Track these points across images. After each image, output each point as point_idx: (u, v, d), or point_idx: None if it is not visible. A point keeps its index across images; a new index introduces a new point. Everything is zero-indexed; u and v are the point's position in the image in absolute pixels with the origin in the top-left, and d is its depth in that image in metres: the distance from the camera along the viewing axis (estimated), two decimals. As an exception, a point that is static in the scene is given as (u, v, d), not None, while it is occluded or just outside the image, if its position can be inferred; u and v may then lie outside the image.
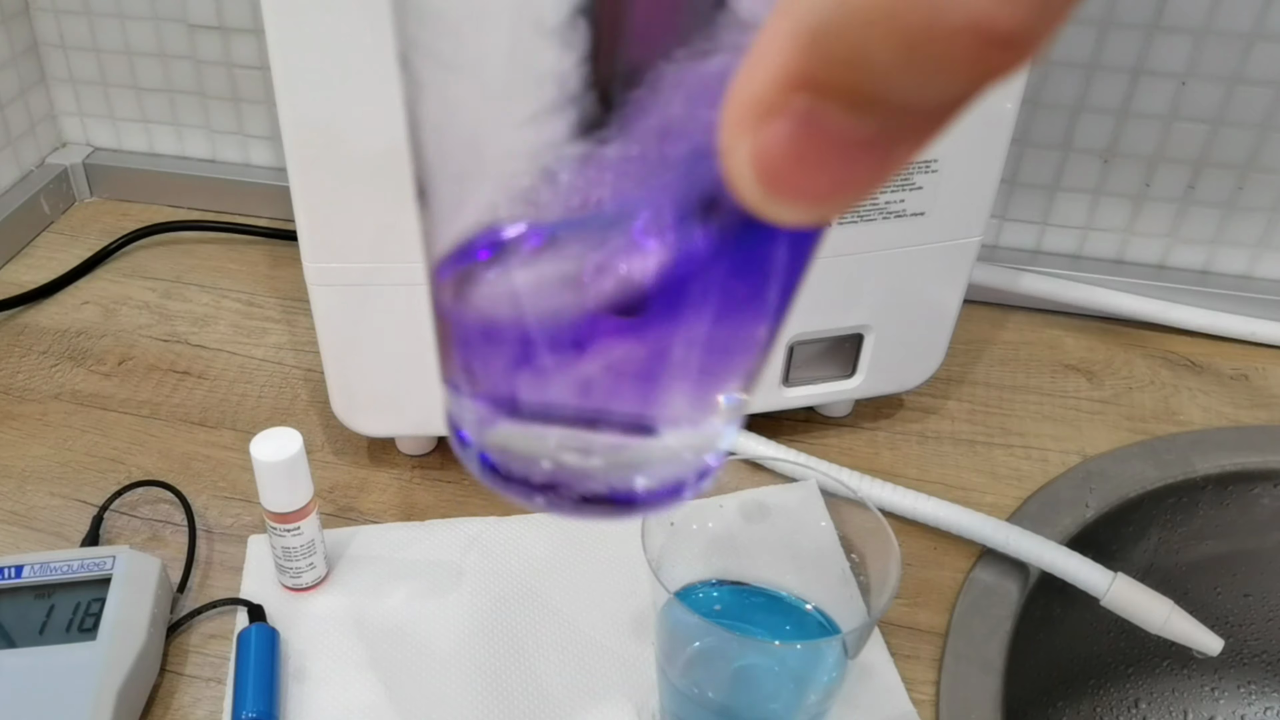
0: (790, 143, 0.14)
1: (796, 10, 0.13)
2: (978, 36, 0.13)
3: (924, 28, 0.12)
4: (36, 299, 0.86)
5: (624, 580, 0.62)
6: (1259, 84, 0.79)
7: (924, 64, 0.13)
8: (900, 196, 0.62)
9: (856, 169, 0.14)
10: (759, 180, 0.14)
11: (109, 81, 0.97)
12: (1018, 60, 0.13)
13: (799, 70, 0.13)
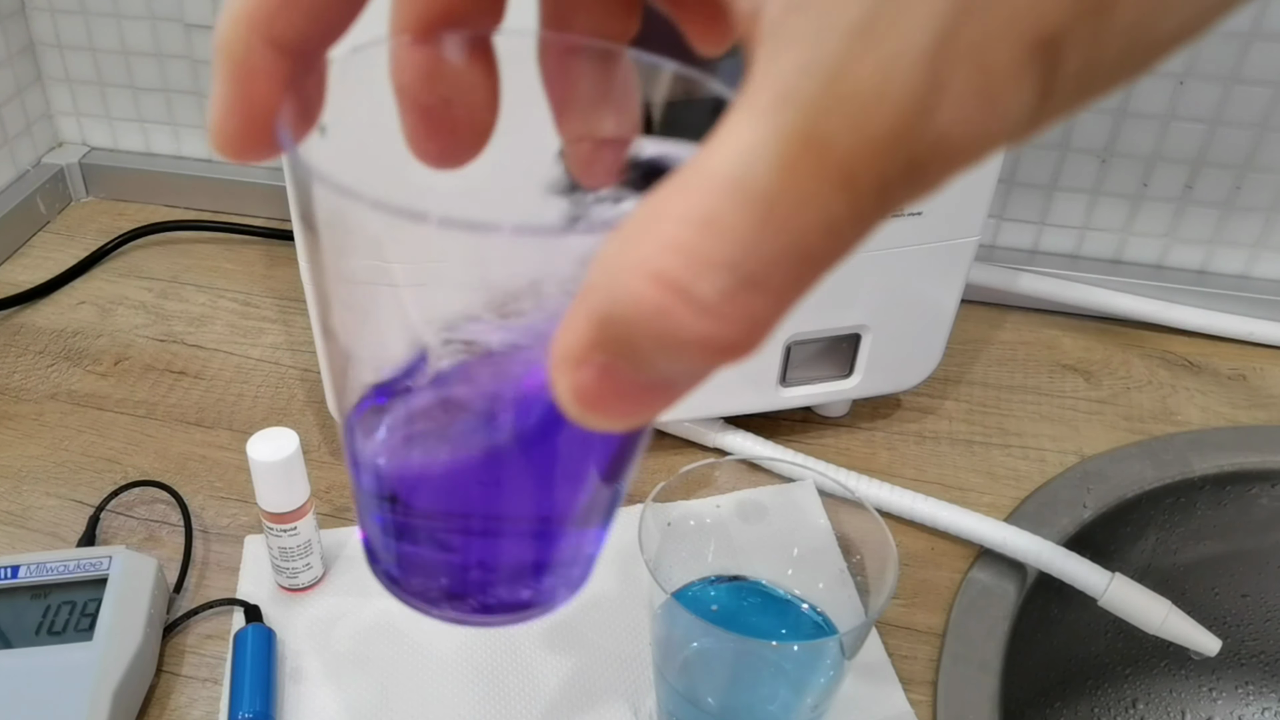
0: (594, 384, 0.18)
1: (591, 298, 0.17)
2: (704, 348, 0.17)
3: (667, 336, 0.17)
4: (32, 299, 0.85)
5: (621, 581, 0.62)
6: (1257, 84, 0.79)
7: (672, 356, 0.17)
8: (898, 196, 0.62)
9: (646, 401, 0.19)
10: (576, 405, 0.19)
11: (105, 81, 0.97)
12: (742, 356, 0.18)
13: (593, 340, 0.18)
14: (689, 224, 0.16)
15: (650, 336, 0.17)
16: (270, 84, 0.24)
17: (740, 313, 0.17)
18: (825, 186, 0.16)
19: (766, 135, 0.16)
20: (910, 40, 0.15)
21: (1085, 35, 0.15)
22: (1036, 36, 0.15)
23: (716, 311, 0.17)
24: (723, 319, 0.17)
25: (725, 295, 0.16)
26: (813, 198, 0.16)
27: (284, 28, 0.23)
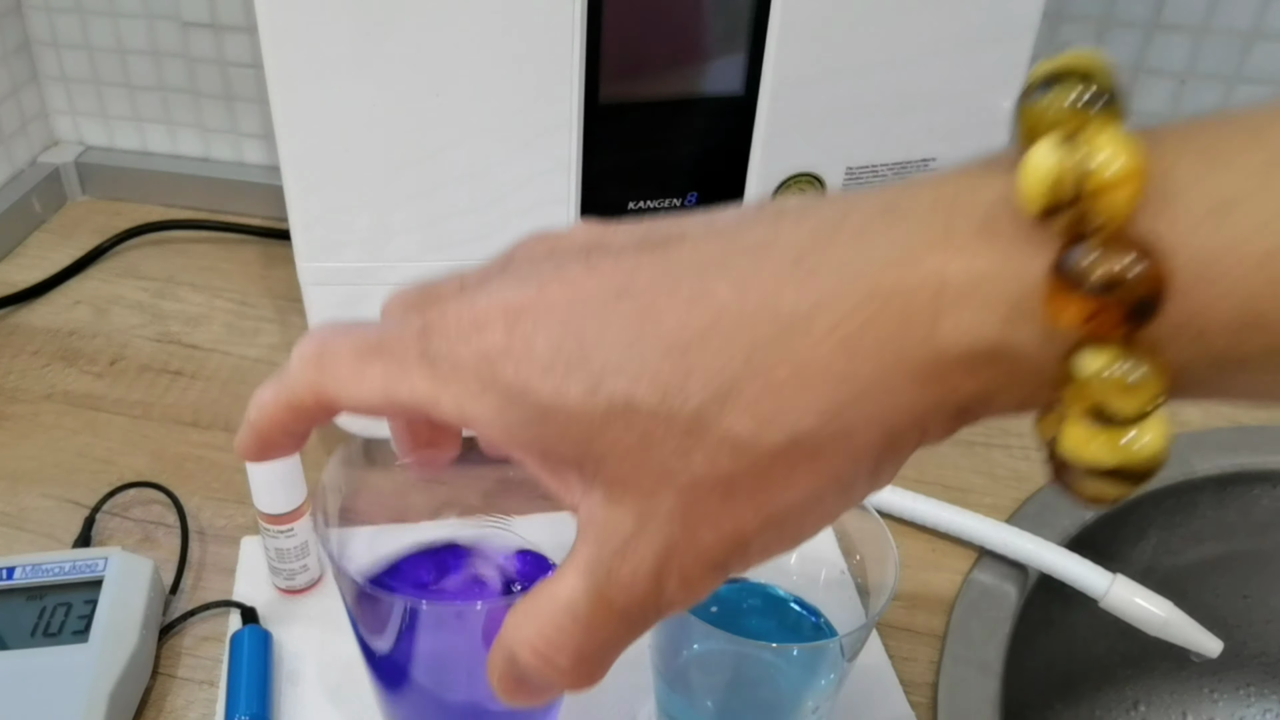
0: (506, 683, 0.30)
1: (502, 647, 0.30)
2: (562, 687, 0.30)
3: (542, 679, 0.29)
4: (28, 299, 0.85)
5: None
6: (1258, 83, 0.79)
7: (546, 686, 0.30)
8: (898, 195, 0.62)
9: (536, 695, 0.31)
10: (500, 690, 0.30)
11: (101, 80, 0.96)
12: (586, 689, 0.30)
13: (504, 666, 0.30)
14: (549, 626, 0.28)
15: (533, 675, 0.29)
16: (284, 448, 0.33)
17: (580, 672, 0.29)
18: (613, 619, 0.28)
19: (582, 587, 0.27)
20: (645, 560, 0.27)
21: (755, 553, 0.27)
22: (712, 562, 0.27)
23: (567, 672, 0.29)
24: (570, 675, 0.29)
25: (570, 665, 0.28)
26: (607, 624, 0.28)
27: (300, 429, 0.32)
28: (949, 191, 0.24)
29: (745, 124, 0.58)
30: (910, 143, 0.60)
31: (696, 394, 0.25)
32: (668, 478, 0.26)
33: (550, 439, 0.27)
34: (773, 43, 0.55)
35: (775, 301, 0.24)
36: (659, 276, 0.26)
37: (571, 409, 0.26)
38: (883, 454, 0.25)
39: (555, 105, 0.55)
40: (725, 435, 0.25)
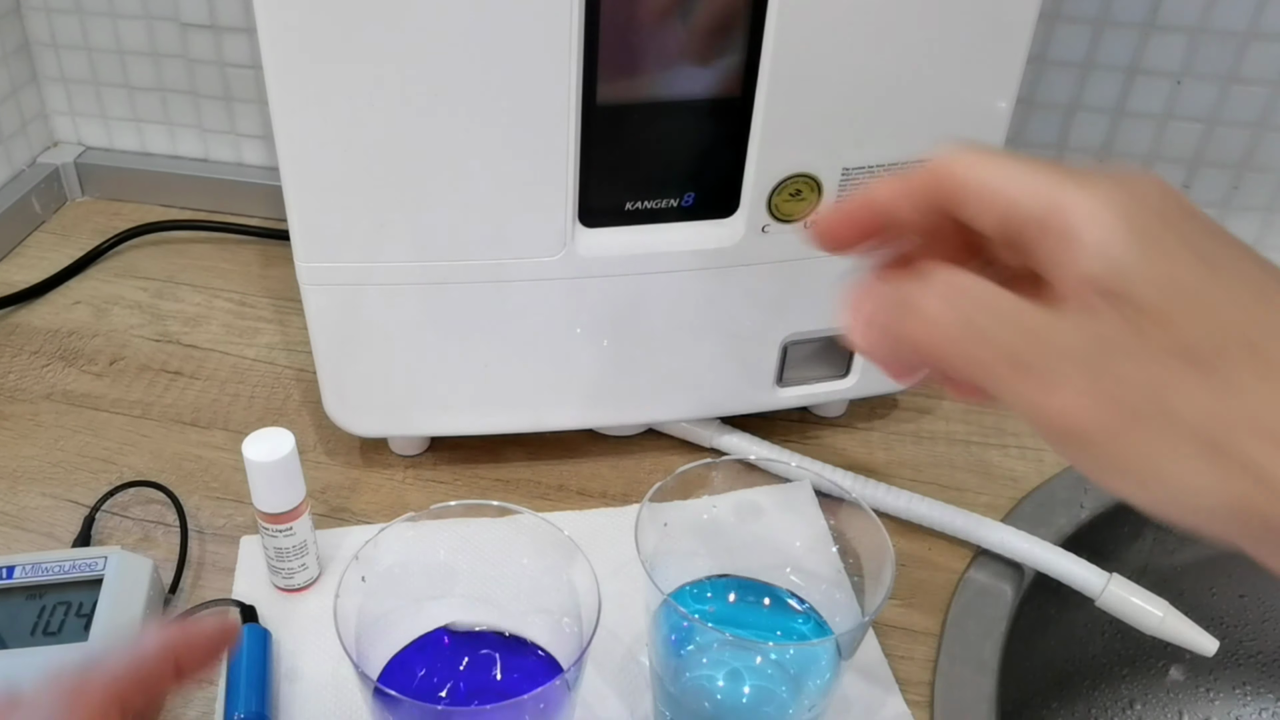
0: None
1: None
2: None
3: None
4: (28, 299, 0.85)
5: (617, 582, 0.61)
6: (1254, 83, 0.79)
7: None
8: (895, 196, 0.62)
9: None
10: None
11: (101, 80, 0.96)
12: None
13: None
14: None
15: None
16: (857, 240, 0.38)
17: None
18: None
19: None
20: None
21: None
22: None
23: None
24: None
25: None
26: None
27: (908, 211, 0.37)
28: None
29: (742, 125, 0.58)
30: (906, 144, 0.60)
31: None
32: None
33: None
34: (769, 44, 0.55)
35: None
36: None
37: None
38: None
39: (553, 106, 0.55)
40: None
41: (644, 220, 0.61)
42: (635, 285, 0.62)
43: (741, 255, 0.62)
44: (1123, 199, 0.30)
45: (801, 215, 0.61)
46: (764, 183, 0.60)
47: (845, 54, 0.56)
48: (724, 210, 0.61)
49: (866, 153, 0.60)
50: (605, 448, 0.71)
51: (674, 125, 0.58)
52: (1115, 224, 0.29)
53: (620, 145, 0.58)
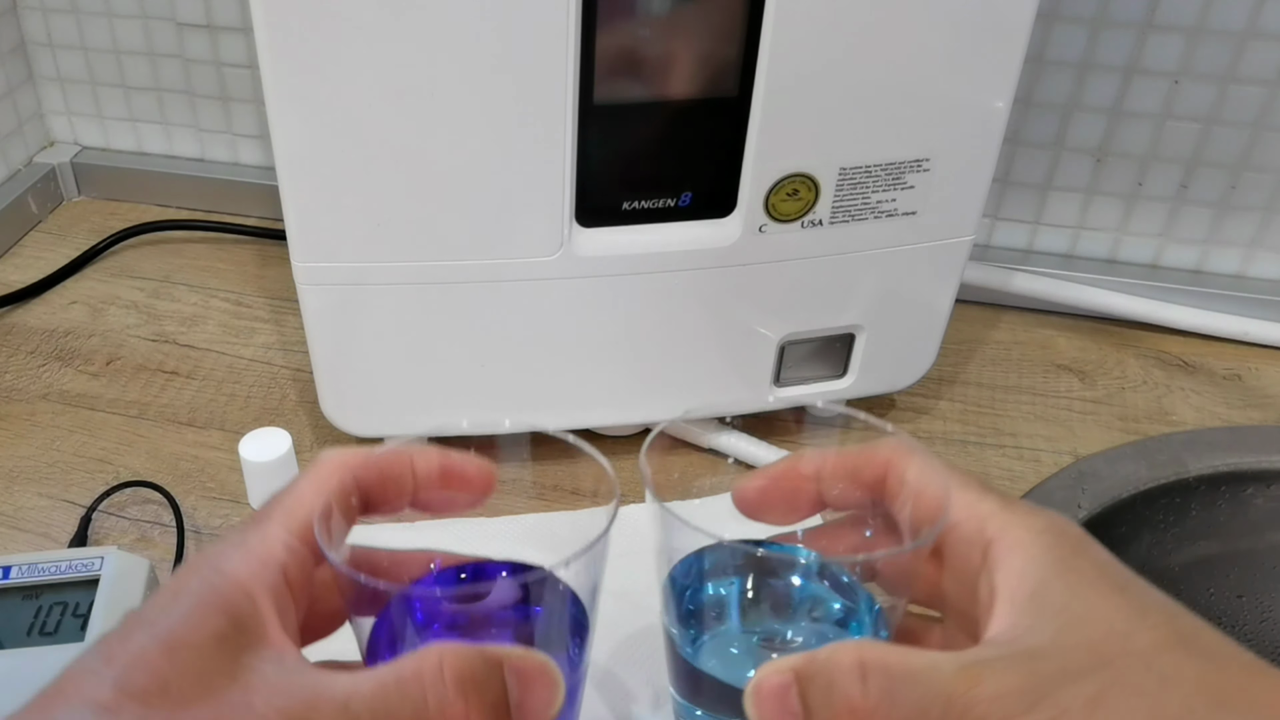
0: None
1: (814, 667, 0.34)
2: None
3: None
4: (24, 299, 0.85)
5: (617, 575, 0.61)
6: (1252, 83, 0.79)
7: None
8: (892, 196, 0.62)
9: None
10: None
11: (97, 80, 0.96)
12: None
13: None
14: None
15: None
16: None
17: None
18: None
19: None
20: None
21: None
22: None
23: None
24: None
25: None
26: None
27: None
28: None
29: (739, 125, 0.58)
30: (904, 143, 0.60)
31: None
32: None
33: None
34: (766, 43, 0.55)
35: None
36: None
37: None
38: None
39: (549, 106, 0.55)
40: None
41: (641, 220, 0.61)
42: (632, 285, 0.62)
43: (739, 255, 0.62)
44: (1044, 527, 0.36)
45: (799, 215, 0.61)
46: (761, 182, 0.59)
47: (843, 53, 0.56)
48: (721, 210, 0.61)
49: (863, 152, 0.60)
50: (602, 448, 0.70)
51: (671, 125, 0.58)
52: (1040, 554, 0.35)
53: (617, 145, 0.58)
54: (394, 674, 0.32)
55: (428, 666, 0.32)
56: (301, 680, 0.32)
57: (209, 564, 0.35)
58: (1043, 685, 0.31)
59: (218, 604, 0.33)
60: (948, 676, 0.31)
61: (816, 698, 0.33)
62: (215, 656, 0.32)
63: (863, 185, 0.61)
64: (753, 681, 0.34)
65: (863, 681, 0.32)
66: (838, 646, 0.33)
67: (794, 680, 0.33)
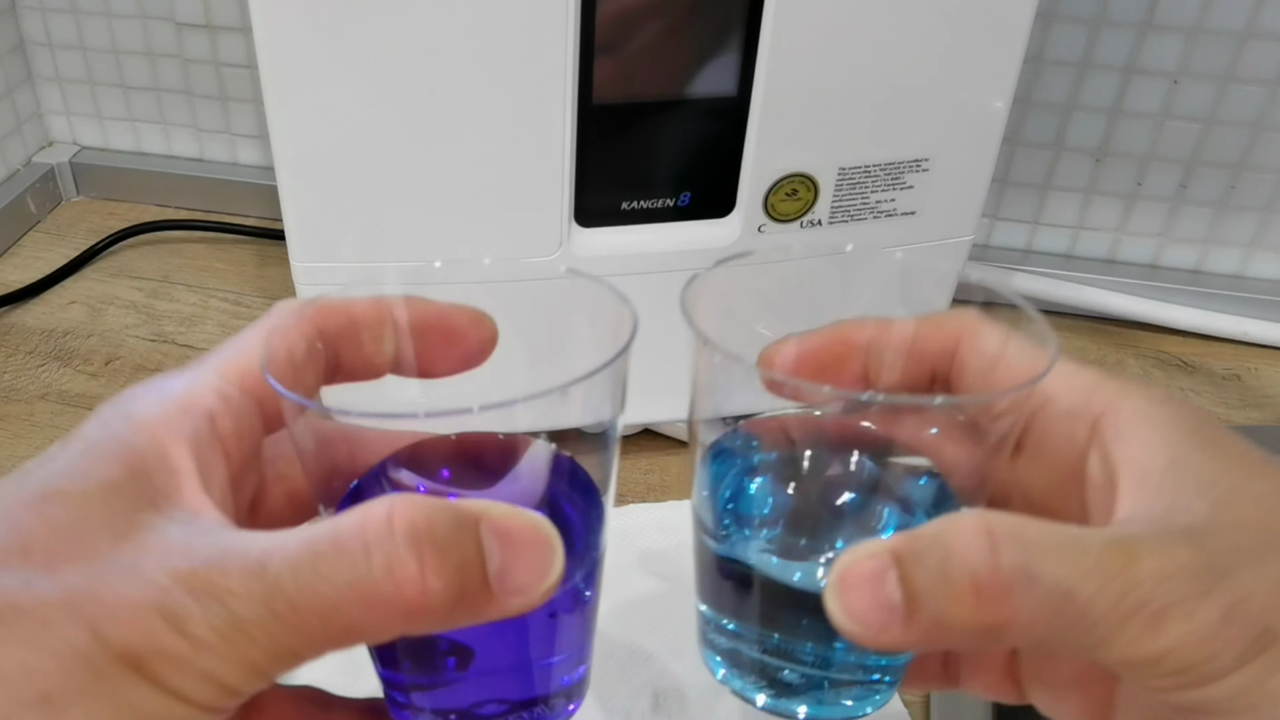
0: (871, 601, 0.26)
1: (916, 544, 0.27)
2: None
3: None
4: (23, 299, 0.85)
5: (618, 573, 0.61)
6: (1251, 83, 0.79)
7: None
8: (891, 196, 0.62)
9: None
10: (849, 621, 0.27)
11: (96, 80, 0.96)
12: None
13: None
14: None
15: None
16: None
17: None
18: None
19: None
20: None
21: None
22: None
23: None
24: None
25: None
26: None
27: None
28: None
29: (738, 125, 0.58)
30: (903, 143, 0.60)
31: None
32: None
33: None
34: (766, 43, 0.55)
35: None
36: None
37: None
38: None
39: (549, 106, 0.55)
40: None
41: (640, 220, 0.61)
42: (631, 285, 0.62)
43: (738, 255, 0.62)
44: (1163, 396, 0.30)
45: (798, 215, 0.61)
46: (760, 182, 0.59)
47: (842, 53, 0.56)
48: (720, 210, 0.61)
49: (863, 152, 0.60)
50: (602, 448, 0.71)
51: (670, 125, 0.58)
52: (1169, 423, 0.29)
53: (616, 145, 0.58)
54: (329, 529, 0.25)
55: (373, 517, 0.25)
56: (212, 540, 0.26)
57: (116, 409, 0.28)
58: (1217, 564, 0.26)
59: (115, 452, 0.27)
60: (1099, 551, 0.25)
61: (925, 579, 0.25)
62: (100, 511, 0.26)
63: (862, 185, 0.61)
64: (837, 570, 0.26)
65: (993, 552, 0.25)
66: (952, 517, 0.26)
67: (892, 563, 0.26)
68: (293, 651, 0.25)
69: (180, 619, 0.24)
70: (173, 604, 0.24)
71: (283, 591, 0.24)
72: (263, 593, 0.24)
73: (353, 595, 0.24)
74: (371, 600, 0.24)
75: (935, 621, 0.25)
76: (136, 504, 0.26)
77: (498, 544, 0.26)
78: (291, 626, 0.24)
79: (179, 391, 0.29)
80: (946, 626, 0.25)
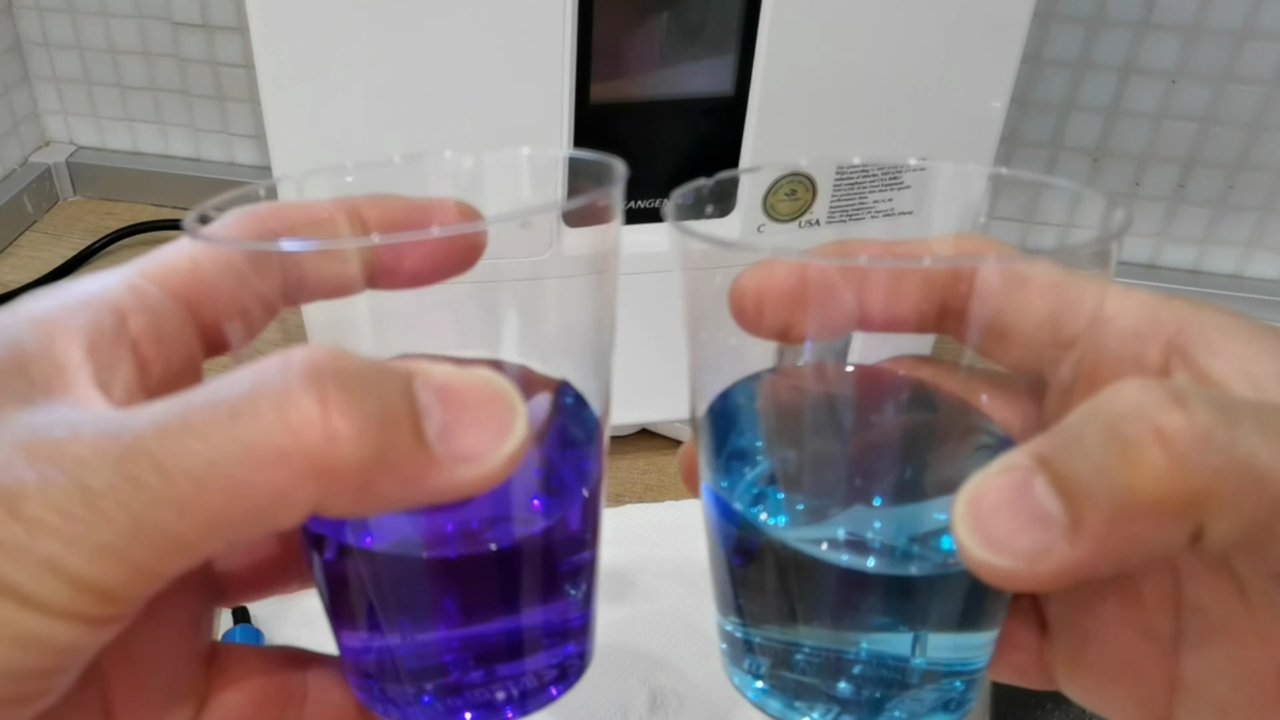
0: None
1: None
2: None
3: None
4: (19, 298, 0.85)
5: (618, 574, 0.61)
6: (1249, 82, 0.79)
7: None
8: (888, 195, 0.62)
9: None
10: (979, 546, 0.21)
11: (93, 80, 0.96)
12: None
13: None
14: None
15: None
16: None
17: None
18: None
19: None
20: None
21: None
22: None
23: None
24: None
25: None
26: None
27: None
28: None
29: (736, 125, 0.58)
30: (900, 143, 0.60)
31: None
32: None
33: None
34: (763, 43, 0.55)
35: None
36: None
37: None
38: None
39: (546, 106, 0.55)
40: None
41: (638, 220, 0.61)
42: (628, 285, 0.62)
43: (736, 255, 0.62)
44: (1236, 312, 0.25)
45: (797, 215, 0.61)
46: (758, 183, 0.59)
47: (840, 53, 0.56)
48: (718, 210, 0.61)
49: (861, 152, 0.60)
50: (599, 448, 0.71)
51: (668, 125, 0.58)
52: (1257, 336, 0.24)
53: (613, 145, 0.58)
54: (209, 383, 0.20)
55: (265, 363, 0.20)
56: (73, 415, 0.21)
57: (14, 307, 0.24)
58: None
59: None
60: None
61: (1088, 463, 0.20)
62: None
63: (860, 185, 0.61)
64: (965, 495, 0.21)
65: (1178, 403, 0.19)
66: (1099, 396, 0.20)
67: (1037, 466, 0.20)
68: (169, 533, 0.19)
69: (14, 496, 0.19)
70: (7, 480, 0.19)
71: (144, 452, 0.19)
72: (118, 454, 0.19)
73: (235, 448, 0.19)
74: (261, 452, 0.19)
75: (1113, 514, 0.19)
76: (4, 398, 0.21)
77: (437, 400, 0.21)
78: (161, 497, 0.19)
79: (83, 288, 0.25)
80: (1129, 518, 0.19)
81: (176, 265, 0.26)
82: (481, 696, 0.28)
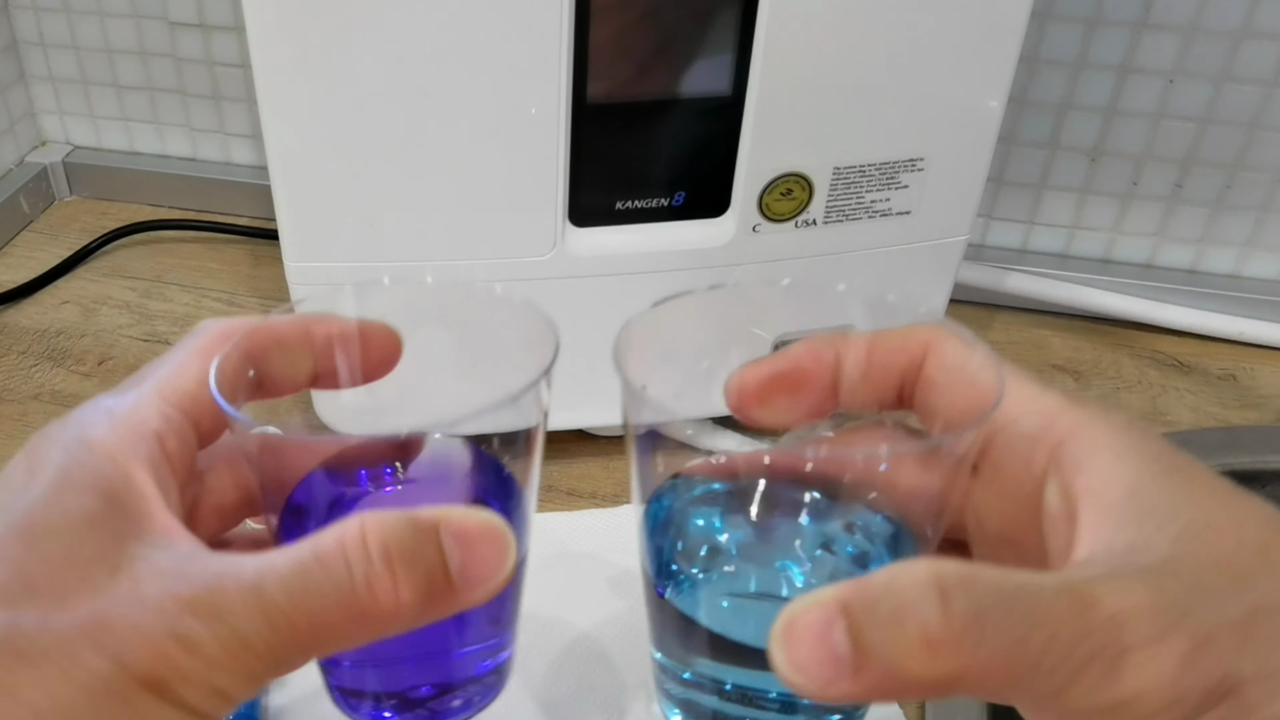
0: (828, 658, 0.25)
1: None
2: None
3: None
4: (15, 299, 0.85)
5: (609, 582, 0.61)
6: (1247, 82, 0.79)
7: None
8: (886, 195, 0.62)
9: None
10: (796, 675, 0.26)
11: (89, 79, 0.96)
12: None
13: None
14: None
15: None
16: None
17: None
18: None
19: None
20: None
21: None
22: None
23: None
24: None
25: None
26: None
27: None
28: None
29: (733, 124, 0.57)
30: (898, 143, 0.60)
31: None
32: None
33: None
34: (760, 43, 0.55)
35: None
36: None
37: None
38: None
39: (543, 105, 0.55)
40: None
41: (634, 220, 0.61)
42: (626, 285, 0.62)
43: (732, 255, 0.61)
44: (1125, 422, 0.30)
45: (793, 214, 0.61)
46: (755, 182, 0.59)
47: (837, 52, 0.56)
48: (715, 210, 0.61)
49: (858, 151, 0.59)
50: (595, 448, 0.71)
51: (665, 124, 0.58)
52: (1130, 450, 0.29)
53: (611, 144, 0.58)
54: (312, 549, 0.27)
55: (350, 537, 0.27)
56: (202, 564, 0.27)
57: (71, 434, 0.30)
58: (1177, 605, 0.25)
59: (86, 481, 0.29)
60: (1053, 596, 0.25)
61: (875, 631, 0.24)
62: (90, 544, 0.27)
63: (857, 185, 0.61)
64: (782, 620, 0.25)
65: (943, 604, 0.24)
66: (902, 566, 0.25)
67: (839, 613, 0.25)
68: (287, 660, 0.27)
69: (192, 641, 0.26)
70: (182, 628, 0.26)
71: (278, 607, 0.27)
72: (261, 610, 0.26)
73: (338, 609, 0.27)
74: (354, 612, 0.27)
75: (886, 674, 0.24)
76: (119, 533, 0.28)
77: (456, 545, 0.28)
78: (287, 638, 0.27)
79: (129, 416, 0.31)
80: (897, 679, 0.24)
81: (188, 390, 0.32)
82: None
